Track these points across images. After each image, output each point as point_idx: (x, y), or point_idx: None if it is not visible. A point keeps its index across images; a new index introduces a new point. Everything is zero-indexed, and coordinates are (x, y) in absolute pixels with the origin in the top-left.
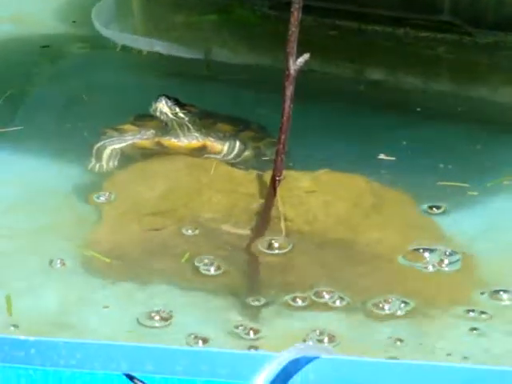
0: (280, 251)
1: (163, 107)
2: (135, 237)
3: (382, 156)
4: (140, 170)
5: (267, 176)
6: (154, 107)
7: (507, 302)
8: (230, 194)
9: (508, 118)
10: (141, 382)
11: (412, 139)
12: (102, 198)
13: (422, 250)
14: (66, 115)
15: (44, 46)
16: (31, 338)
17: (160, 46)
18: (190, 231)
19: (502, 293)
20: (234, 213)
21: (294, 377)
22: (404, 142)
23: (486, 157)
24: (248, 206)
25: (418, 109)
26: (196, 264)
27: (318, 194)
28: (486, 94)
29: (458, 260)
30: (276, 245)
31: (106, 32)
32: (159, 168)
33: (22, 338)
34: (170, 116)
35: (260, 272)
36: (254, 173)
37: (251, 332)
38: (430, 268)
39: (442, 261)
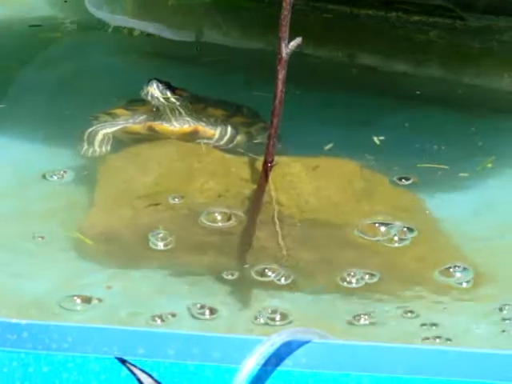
0: (271, 236)
1: (154, 91)
2: (127, 221)
3: (374, 138)
4: (132, 155)
5: (259, 161)
6: (145, 91)
7: None
8: (221, 178)
9: (499, 102)
10: (133, 365)
11: (403, 123)
12: (92, 183)
13: (405, 229)
14: (57, 98)
15: (33, 26)
16: (23, 322)
17: (152, 29)
18: (181, 216)
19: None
20: (226, 197)
21: (286, 360)
22: (396, 126)
23: (478, 140)
24: (240, 191)
25: (410, 93)
26: (189, 249)
27: (310, 179)
28: (478, 78)
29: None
30: (267, 229)
31: (97, 13)
32: (151, 153)
33: (14, 321)
34: (161, 100)
35: (251, 257)
36: (245, 158)
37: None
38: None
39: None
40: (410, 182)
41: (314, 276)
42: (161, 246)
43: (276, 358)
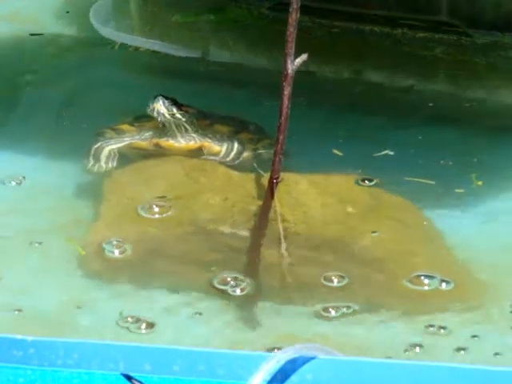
0: (277, 252)
1: (160, 107)
2: (133, 238)
3: (381, 153)
4: (138, 171)
5: (265, 177)
6: (151, 107)
7: None
8: (227, 195)
9: (505, 118)
10: (138, 381)
11: (410, 139)
12: (97, 198)
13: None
14: (62, 114)
15: (35, 34)
16: (29, 338)
17: (157, 46)
18: (187, 232)
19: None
20: (232, 214)
21: (292, 377)
22: (403, 142)
23: (483, 157)
24: (246, 208)
25: (416, 109)
26: (194, 265)
27: (316, 196)
28: (484, 94)
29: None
30: (273, 245)
31: (103, 31)
32: (157, 169)
33: (20, 337)
34: (167, 116)
35: (257, 273)
36: (252, 174)
37: (242, 331)
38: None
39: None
40: (419, 200)
41: (321, 293)
42: (166, 262)
43: (282, 375)
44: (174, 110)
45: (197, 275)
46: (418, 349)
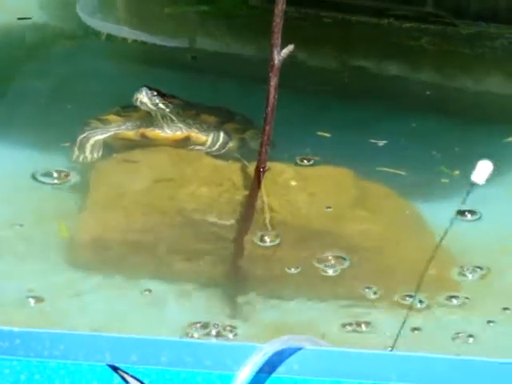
0: (263, 242)
1: (143, 98)
2: (119, 228)
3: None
4: (124, 161)
5: (251, 167)
6: (134, 98)
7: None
8: (214, 185)
9: (490, 106)
10: (125, 372)
11: (395, 129)
12: (83, 189)
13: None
14: (49, 104)
15: (21, 18)
16: (15, 329)
17: (145, 36)
18: (174, 222)
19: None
20: (218, 204)
21: (279, 368)
22: (388, 132)
23: (465, 145)
24: (232, 198)
25: (402, 98)
26: (181, 255)
27: (302, 186)
28: (469, 83)
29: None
30: (260, 236)
31: (90, 22)
32: (143, 159)
33: (6, 328)
34: (150, 106)
35: (243, 263)
36: (238, 164)
37: (228, 320)
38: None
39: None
40: (401, 189)
41: (305, 284)
42: (151, 252)
43: (269, 366)
44: (157, 101)
45: (184, 265)
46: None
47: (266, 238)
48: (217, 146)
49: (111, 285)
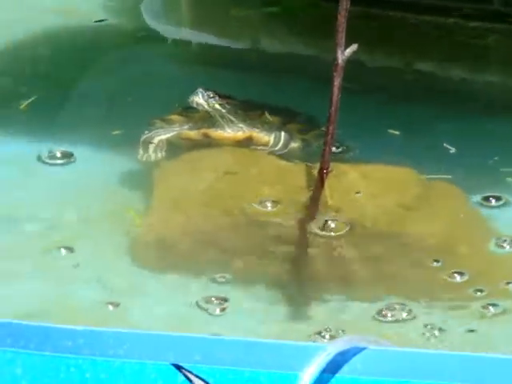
0: (327, 242)
1: (199, 99)
2: (183, 228)
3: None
4: (188, 161)
5: (315, 168)
6: (191, 99)
7: None
8: (277, 185)
9: None
10: (189, 372)
11: (464, 130)
12: (147, 189)
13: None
14: (114, 106)
15: (99, 21)
16: (79, 328)
17: (208, 38)
18: (237, 223)
19: None
20: (282, 204)
21: (342, 368)
22: (456, 133)
23: None
24: (296, 198)
25: (469, 99)
26: (244, 256)
27: (367, 186)
28: None
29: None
30: (323, 236)
31: (154, 24)
32: (207, 159)
33: (70, 327)
34: (207, 108)
35: (306, 263)
36: (301, 164)
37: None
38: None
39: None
40: (479, 194)
41: (372, 288)
42: (216, 253)
43: (332, 365)
44: (213, 102)
45: (247, 265)
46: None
47: (331, 238)
48: (279, 146)
49: (175, 284)
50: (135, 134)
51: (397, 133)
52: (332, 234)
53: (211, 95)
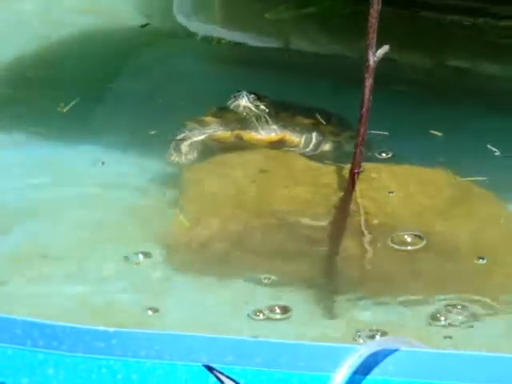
0: (359, 245)
1: (245, 103)
2: (214, 230)
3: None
4: (219, 163)
5: (346, 169)
6: (235, 103)
7: None
8: (308, 186)
9: None
10: (220, 373)
11: (494, 131)
12: (179, 190)
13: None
14: (147, 106)
15: (144, 25)
16: (111, 330)
17: (240, 37)
18: (268, 224)
19: None
20: (313, 206)
21: (374, 369)
22: (485, 134)
23: None
24: (327, 199)
25: (501, 97)
26: (275, 257)
27: (398, 187)
28: None
29: None
30: (354, 237)
31: (186, 23)
32: (237, 161)
33: (102, 329)
34: (253, 109)
35: (338, 264)
36: (332, 166)
37: (324, 323)
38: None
39: None
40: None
41: (403, 287)
42: (248, 254)
43: (364, 367)
44: (258, 103)
45: (279, 266)
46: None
47: (362, 240)
48: (310, 147)
49: (206, 286)
50: (168, 135)
51: (439, 134)
52: (364, 234)
53: (255, 97)
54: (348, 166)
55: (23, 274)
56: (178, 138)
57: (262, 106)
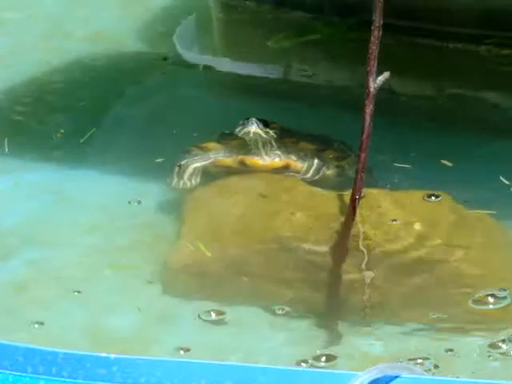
0: (360, 270)
1: (256, 129)
2: (215, 255)
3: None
4: (219, 188)
5: (347, 195)
6: (244, 130)
7: None
8: (309, 212)
9: None
10: None
11: (495, 157)
12: (180, 215)
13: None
14: (148, 134)
15: (164, 58)
16: (112, 356)
17: (239, 65)
18: (269, 249)
19: None
20: (314, 231)
21: None
22: (488, 160)
23: None
24: (328, 225)
25: (502, 126)
26: (277, 283)
27: (399, 214)
28: None
29: None
30: (355, 263)
31: (187, 51)
32: (239, 185)
33: (104, 355)
34: (264, 136)
35: (339, 291)
36: (333, 191)
37: (324, 349)
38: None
39: None
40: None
41: (404, 312)
42: (249, 279)
43: None
44: (268, 130)
45: (279, 291)
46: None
47: (361, 267)
48: (311, 173)
49: (206, 312)
50: (171, 161)
51: (449, 164)
52: (365, 260)
53: (265, 123)
54: (349, 191)
55: (24, 299)
56: (182, 163)
57: (272, 133)
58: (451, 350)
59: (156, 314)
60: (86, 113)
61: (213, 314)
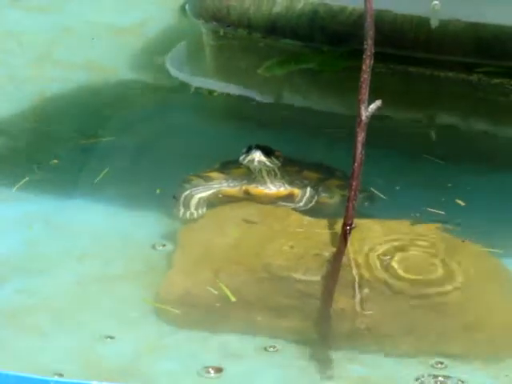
0: (351, 299)
1: (260, 157)
2: (206, 284)
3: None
4: (211, 217)
5: (339, 223)
6: (248, 158)
7: None
8: (301, 241)
9: None
10: None
11: (485, 186)
12: (171, 246)
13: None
14: (142, 161)
15: (157, 86)
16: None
17: (231, 91)
18: (260, 279)
19: None
20: (305, 261)
21: None
22: (479, 189)
23: None
24: (319, 254)
25: (491, 155)
26: (268, 312)
27: (391, 242)
28: None
29: None
30: (346, 292)
31: (179, 76)
32: (231, 214)
33: (95, 383)
34: (268, 164)
35: (331, 320)
36: (325, 220)
37: (316, 379)
38: None
39: None
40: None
41: (395, 342)
42: (239, 308)
43: None
44: (273, 158)
45: (270, 321)
46: None
47: (352, 295)
48: (303, 202)
49: (198, 341)
50: (167, 191)
51: (462, 203)
52: (356, 289)
53: (268, 151)
54: (341, 221)
55: (17, 327)
56: (185, 193)
57: (276, 161)
58: (447, 377)
59: (148, 345)
60: (78, 141)
61: (203, 344)
